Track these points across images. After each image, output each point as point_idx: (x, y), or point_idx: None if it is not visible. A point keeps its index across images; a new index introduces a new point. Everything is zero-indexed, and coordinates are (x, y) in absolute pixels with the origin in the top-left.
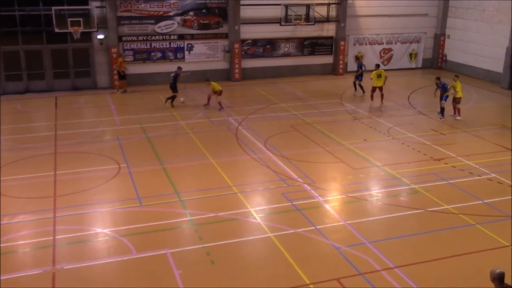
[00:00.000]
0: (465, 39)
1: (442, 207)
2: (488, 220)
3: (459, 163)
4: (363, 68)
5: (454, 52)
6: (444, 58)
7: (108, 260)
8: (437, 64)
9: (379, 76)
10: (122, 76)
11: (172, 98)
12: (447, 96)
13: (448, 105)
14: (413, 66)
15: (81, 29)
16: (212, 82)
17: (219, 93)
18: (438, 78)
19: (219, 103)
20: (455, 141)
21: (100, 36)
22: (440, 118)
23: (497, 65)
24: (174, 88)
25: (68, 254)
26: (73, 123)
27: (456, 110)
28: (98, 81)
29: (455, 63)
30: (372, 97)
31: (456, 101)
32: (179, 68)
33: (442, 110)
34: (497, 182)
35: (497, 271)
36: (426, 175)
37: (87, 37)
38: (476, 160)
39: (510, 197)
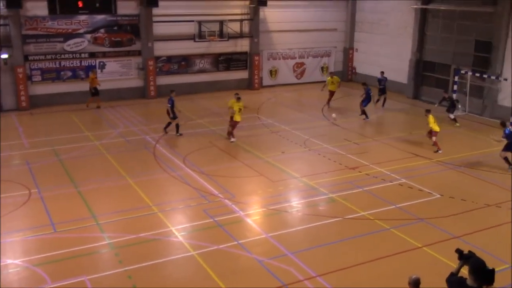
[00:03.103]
0: (372, 52)
1: (359, 214)
2: (401, 224)
3: (372, 171)
4: (371, 93)
5: (363, 65)
6: (354, 70)
7: None
8: (347, 76)
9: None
10: (94, 93)
11: (177, 125)
12: (368, 101)
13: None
14: (325, 79)
15: None
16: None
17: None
18: (364, 84)
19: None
20: (367, 150)
21: (4, 56)
22: (365, 119)
23: (402, 76)
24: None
25: None
26: None
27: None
28: (3, 103)
29: (364, 75)
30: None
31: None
32: (172, 91)
33: (363, 112)
34: (408, 187)
35: (413, 277)
36: (342, 184)
37: None
38: (387, 167)
39: (419, 200)
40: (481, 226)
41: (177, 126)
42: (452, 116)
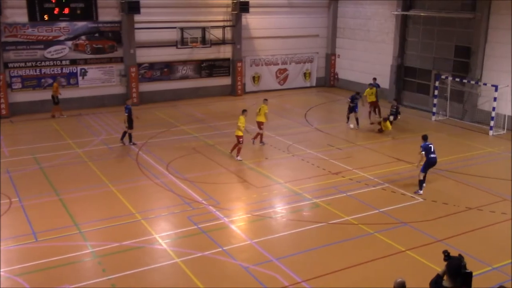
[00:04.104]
0: (354, 57)
1: (343, 219)
2: (384, 228)
3: (356, 176)
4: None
5: (345, 70)
6: (336, 76)
7: None
8: (329, 82)
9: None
10: (57, 102)
11: (130, 135)
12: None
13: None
14: (308, 85)
15: None
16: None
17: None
18: (357, 93)
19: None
20: (351, 155)
21: None
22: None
23: (384, 82)
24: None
25: None
26: None
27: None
28: None
29: (346, 81)
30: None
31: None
32: (128, 99)
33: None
34: (391, 191)
35: (398, 280)
36: (326, 189)
37: None
38: (370, 171)
39: (402, 204)
40: (463, 229)
41: (130, 135)
42: (391, 118)
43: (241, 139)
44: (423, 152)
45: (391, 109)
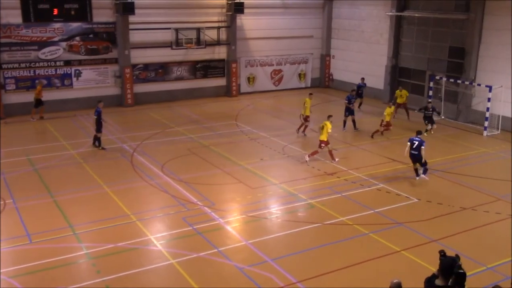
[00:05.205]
0: (348, 58)
1: (338, 219)
2: (379, 228)
3: (351, 176)
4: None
5: (339, 71)
6: (331, 77)
7: None
8: (324, 83)
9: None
10: (39, 103)
11: (99, 139)
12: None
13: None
14: (303, 85)
15: None
16: (307, 99)
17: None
18: (353, 90)
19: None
20: (346, 155)
21: None
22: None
23: (378, 82)
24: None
25: None
26: None
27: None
28: None
29: (341, 82)
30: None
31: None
32: (100, 102)
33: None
34: (386, 192)
35: (395, 280)
36: (321, 190)
37: None
38: (365, 172)
39: (397, 205)
40: (457, 229)
41: (98, 139)
42: (433, 126)
43: (323, 144)
44: (409, 143)
45: (426, 112)
